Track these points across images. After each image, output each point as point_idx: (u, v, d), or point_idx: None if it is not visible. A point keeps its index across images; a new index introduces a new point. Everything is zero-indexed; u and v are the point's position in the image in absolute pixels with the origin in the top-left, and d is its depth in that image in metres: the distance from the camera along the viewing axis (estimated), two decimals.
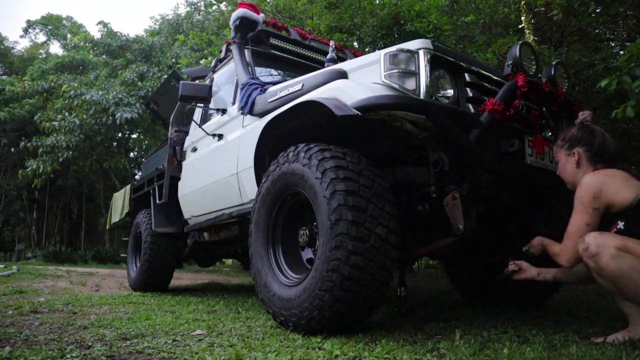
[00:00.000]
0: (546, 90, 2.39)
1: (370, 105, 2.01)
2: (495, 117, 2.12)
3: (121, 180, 16.21)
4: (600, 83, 3.43)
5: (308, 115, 2.45)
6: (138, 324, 2.45)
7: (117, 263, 13.74)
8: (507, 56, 2.38)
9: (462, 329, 2.28)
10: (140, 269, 4.65)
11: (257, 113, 2.97)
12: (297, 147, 2.30)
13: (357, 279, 1.93)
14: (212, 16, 12.40)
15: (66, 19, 24.51)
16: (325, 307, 1.96)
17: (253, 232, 2.50)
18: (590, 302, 3.67)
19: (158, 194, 4.56)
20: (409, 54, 2.08)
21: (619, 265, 1.74)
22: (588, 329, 2.28)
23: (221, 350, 1.80)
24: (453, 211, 2.11)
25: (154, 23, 20.83)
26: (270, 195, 2.43)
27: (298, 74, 3.47)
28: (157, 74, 13.72)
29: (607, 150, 2.10)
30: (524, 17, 5.79)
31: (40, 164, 13.58)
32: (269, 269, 2.38)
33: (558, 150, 2.20)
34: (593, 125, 2.17)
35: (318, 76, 2.54)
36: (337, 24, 6.61)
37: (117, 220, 6.20)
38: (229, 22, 3.75)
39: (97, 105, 12.57)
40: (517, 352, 1.76)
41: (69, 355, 1.67)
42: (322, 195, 2.03)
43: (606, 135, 2.14)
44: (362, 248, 1.93)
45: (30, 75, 17.55)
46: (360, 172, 2.06)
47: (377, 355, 1.71)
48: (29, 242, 20.07)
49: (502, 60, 5.80)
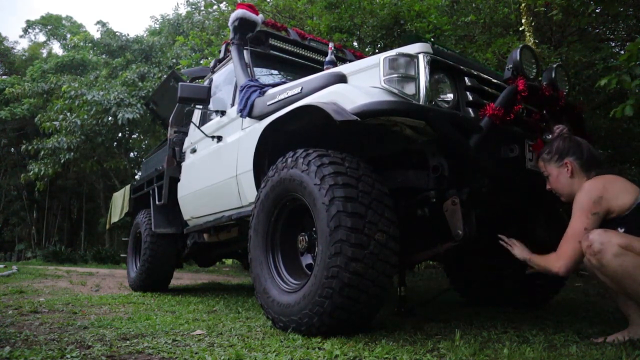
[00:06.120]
0: (547, 94, 2.39)
1: (369, 110, 2.00)
2: (495, 122, 2.11)
3: (121, 180, 16.21)
4: (599, 82, 3.43)
5: (307, 119, 2.44)
6: (138, 324, 2.46)
7: (117, 263, 13.75)
8: (508, 60, 2.37)
9: (462, 329, 2.28)
10: (140, 269, 4.65)
11: (256, 116, 2.97)
12: (296, 152, 2.29)
13: (356, 286, 1.93)
14: (212, 16, 12.38)
15: (66, 19, 24.51)
16: (325, 313, 1.96)
17: (252, 237, 2.50)
18: (590, 302, 3.67)
19: (158, 194, 4.55)
20: (408, 59, 2.07)
21: (621, 263, 1.75)
22: (588, 329, 2.29)
23: (221, 350, 1.80)
24: (452, 216, 2.10)
25: (154, 22, 20.84)
26: (269, 201, 2.42)
27: (297, 74, 3.47)
28: (157, 74, 13.72)
29: (595, 156, 2.12)
30: (524, 19, 5.80)
31: (42, 166, 13.59)
32: (268, 275, 2.38)
33: (546, 164, 2.18)
34: (573, 136, 2.18)
35: (317, 79, 2.53)
36: (337, 24, 6.60)
37: (116, 220, 6.20)
38: (229, 23, 3.75)
39: (98, 106, 12.57)
40: (517, 352, 1.76)
41: (69, 355, 1.67)
42: (321, 201, 2.02)
43: (587, 143, 2.16)
44: (362, 254, 1.92)
45: (31, 75, 17.56)
46: (359, 177, 2.05)
47: (377, 355, 1.71)
48: (29, 242, 20.10)
49: (502, 60, 5.80)
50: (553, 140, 2.19)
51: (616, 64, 4.23)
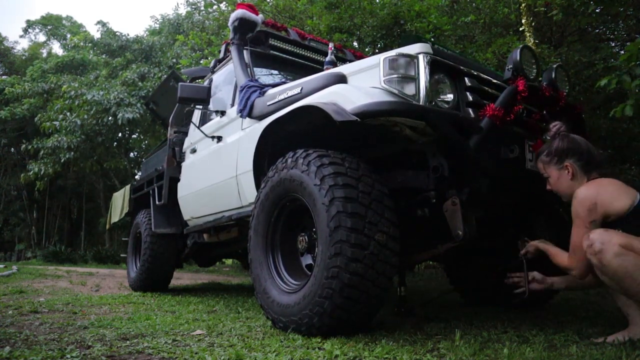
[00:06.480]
0: (547, 94, 2.39)
1: (369, 111, 2.00)
2: (495, 122, 2.11)
3: (121, 180, 16.22)
4: (599, 82, 3.43)
5: (307, 120, 2.44)
6: (138, 324, 2.46)
7: (117, 263, 13.74)
8: (508, 60, 2.37)
9: (462, 329, 2.28)
10: (140, 269, 4.65)
11: (256, 116, 2.97)
12: (296, 152, 2.29)
13: (356, 286, 1.93)
14: (212, 16, 12.38)
15: (66, 19, 24.52)
16: (325, 314, 1.96)
17: (252, 238, 2.50)
18: (590, 302, 3.67)
19: (158, 194, 4.55)
20: (408, 59, 2.07)
21: (622, 262, 1.75)
22: (588, 329, 2.29)
23: (221, 350, 1.80)
24: (452, 217, 2.10)
25: (155, 22, 20.85)
26: (269, 202, 2.42)
27: (297, 74, 3.47)
28: (157, 74, 13.72)
29: (594, 156, 2.10)
30: (524, 19, 5.80)
31: (42, 166, 13.58)
32: (268, 275, 2.38)
33: (546, 166, 2.17)
34: (571, 134, 2.16)
35: (317, 79, 2.53)
36: (337, 24, 6.60)
37: (116, 220, 6.21)
38: (229, 23, 3.74)
39: (98, 106, 12.57)
40: (517, 352, 1.76)
41: (69, 355, 1.67)
42: (321, 202, 2.02)
43: (586, 141, 2.15)
44: (362, 255, 1.92)
45: (31, 75, 17.56)
46: (359, 178, 2.05)
47: (377, 355, 1.71)
48: (29, 242, 20.10)
49: (502, 60, 5.80)
50: (551, 140, 2.18)
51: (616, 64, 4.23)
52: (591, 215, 1.92)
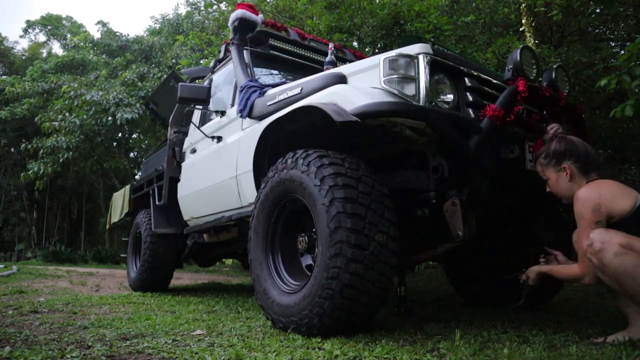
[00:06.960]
0: (547, 94, 2.38)
1: (369, 111, 2.00)
2: (495, 123, 2.11)
3: (121, 180, 16.21)
4: (599, 82, 3.44)
5: (307, 120, 2.44)
6: (138, 324, 2.46)
7: (117, 263, 13.75)
8: (508, 60, 2.36)
9: (462, 329, 2.28)
10: (140, 269, 4.65)
11: (256, 116, 2.97)
12: (296, 153, 2.29)
13: (356, 287, 1.93)
14: (212, 16, 12.37)
15: (66, 19, 24.51)
16: (325, 314, 1.96)
17: (252, 238, 2.50)
18: (590, 302, 3.67)
19: (157, 195, 4.55)
20: (408, 59, 2.07)
21: (621, 262, 1.75)
22: (588, 329, 2.29)
23: (221, 350, 1.80)
24: (452, 217, 2.10)
25: (154, 22, 20.84)
26: (269, 202, 2.42)
27: (297, 74, 3.47)
28: (157, 74, 13.72)
29: (592, 157, 2.10)
30: (524, 19, 5.80)
31: (41, 165, 13.58)
32: (268, 276, 2.38)
33: (544, 168, 2.17)
34: (569, 136, 2.16)
35: (317, 80, 2.53)
36: (337, 24, 6.60)
37: (116, 220, 6.20)
38: (229, 23, 3.74)
39: (97, 106, 12.56)
40: (517, 352, 1.76)
41: (69, 355, 1.67)
42: (321, 202, 2.02)
43: (584, 142, 2.14)
44: (362, 255, 1.92)
45: (31, 75, 17.56)
46: (359, 178, 2.05)
47: (377, 355, 1.71)
48: (29, 242, 20.10)
49: (502, 60, 5.80)
50: (548, 142, 2.17)
51: (616, 64, 4.23)
52: (596, 215, 1.90)
